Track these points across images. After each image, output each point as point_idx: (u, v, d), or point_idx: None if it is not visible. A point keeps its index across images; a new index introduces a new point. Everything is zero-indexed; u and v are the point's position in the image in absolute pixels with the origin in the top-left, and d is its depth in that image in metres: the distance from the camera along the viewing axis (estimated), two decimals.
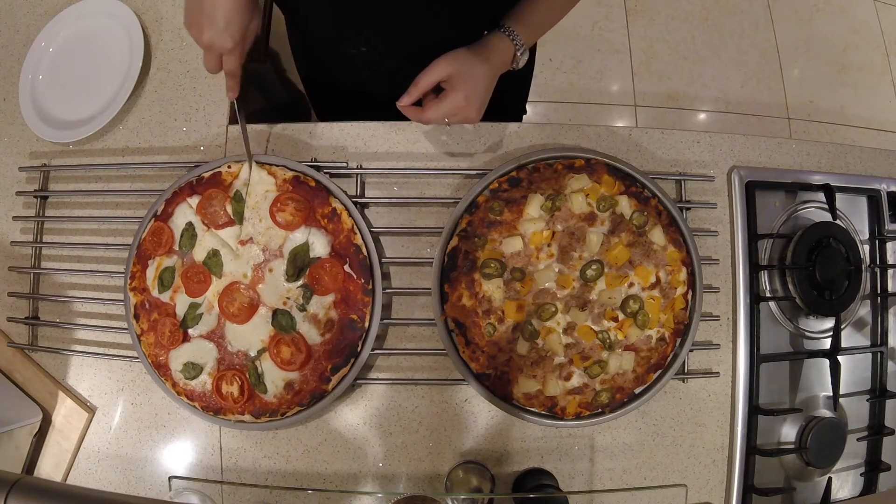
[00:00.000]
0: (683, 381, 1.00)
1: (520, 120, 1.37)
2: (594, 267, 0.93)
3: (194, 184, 0.98)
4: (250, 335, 0.94)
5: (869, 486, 1.04)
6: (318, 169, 0.99)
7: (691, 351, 0.98)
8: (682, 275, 0.95)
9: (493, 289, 0.94)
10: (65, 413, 1.01)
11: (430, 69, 0.85)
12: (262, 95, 1.39)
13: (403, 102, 0.86)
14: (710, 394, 1.00)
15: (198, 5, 0.74)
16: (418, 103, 0.88)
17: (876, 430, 1.04)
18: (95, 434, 1.01)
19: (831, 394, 1.01)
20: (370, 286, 0.94)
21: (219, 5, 0.73)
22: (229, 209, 0.96)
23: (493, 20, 0.91)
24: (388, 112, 0.92)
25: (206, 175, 0.98)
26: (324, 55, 1.09)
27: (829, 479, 1.01)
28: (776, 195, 1.07)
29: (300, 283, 0.94)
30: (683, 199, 1.02)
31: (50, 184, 1.08)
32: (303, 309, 0.93)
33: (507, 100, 1.19)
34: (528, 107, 1.40)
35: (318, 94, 1.22)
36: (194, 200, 0.97)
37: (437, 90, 0.87)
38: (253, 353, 0.94)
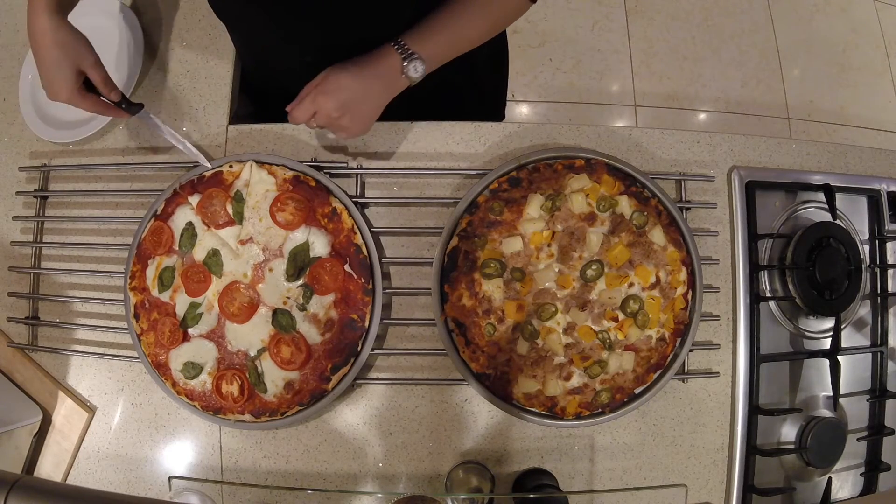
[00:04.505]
0: (683, 381, 1.00)
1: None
2: (594, 267, 0.93)
3: (195, 182, 0.98)
4: (250, 335, 0.94)
5: (869, 486, 1.04)
6: (318, 169, 0.99)
7: (691, 351, 0.98)
8: (682, 275, 0.95)
9: (493, 289, 0.94)
10: (65, 413, 1.01)
11: (315, 78, 0.89)
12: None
13: (289, 107, 0.90)
14: (710, 394, 1.00)
15: (42, 74, 0.88)
16: None
17: (876, 430, 1.04)
18: (95, 434, 1.01)
19: (831, 394, 1.01)
20: (370, 286, 0.94)
21: (43, 68, 0.86)
22: (230, 209, 0.96)
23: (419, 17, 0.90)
24: None
25: (208, 174, 0.98)
26: (272, 68, 1.10)
27: (829, 479, 1.01)
28: (776, 195, 1.07)
29: (300, 282, 0.94)
30: (683, 199, 1.02)
31: (50, 184, 1.08)
32: (303, 308, 0.93)
33: (466, 105, 1.17)
34: (527, 107, 1.39)
35: (265, 104, 1.22)
36: (195, 199, 0.97)
37: None
38: (253, 353, 0.94)
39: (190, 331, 0.95)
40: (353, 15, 0.88)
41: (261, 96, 1.19)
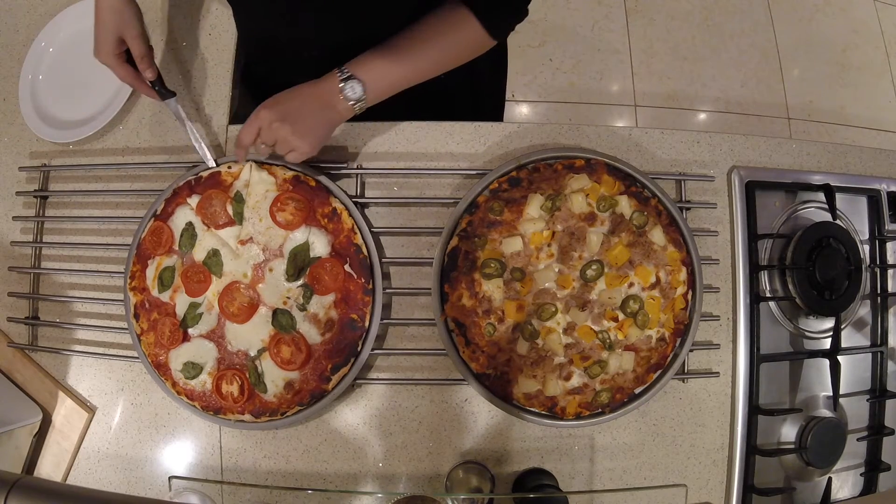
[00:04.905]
0: (683, 381, 1.00)
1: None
2: (594, 267, 0.93)
3: (193, 183, 0.98)
4: (250, 335, 0.94)
5: (869, 486, 1.04)
6: (318, 169, 0.99)
7: (691, 351, 0.98)
8: (682, 275, 0.95)
9: (493, 289, 0.94)
10: (65, 413, 1.01)
11: None
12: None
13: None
14: (710, 394, 1.00)
15: (94, 33, 0.92)
16: None
17: (876, 430, 1.04)
18: (95, 434, 1.01)
19: (831, 394, 1.01)
20: (370, 286, 0.94)
21: (95, 28, 0.91)
22: (230, 209, 0.96)
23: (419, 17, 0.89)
24: None
25: (205, 175, 0.98)
26: (278, 60, 1.09)
27: (829, 479, 1.01)
28: (776, 195, 1.07)
29: (300, 282, 0.94)
30: (683, 199, 1.02)
31: (50, 184, 1.08)
32: (303, 308, 0.93)
33: (457, 106, 1.17)
34: (527, 107, 1.38)
35: (254, 90, 1.21)
36: (194, 200, 0.97)
37: None
38: (253, 353, 0.94)
39: (190, 331, 0.95)
40: (350, 9, 0.88)
41: (263, 93, 1.19)
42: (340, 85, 0.86)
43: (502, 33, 0.92)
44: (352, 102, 0.87)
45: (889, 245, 1.09)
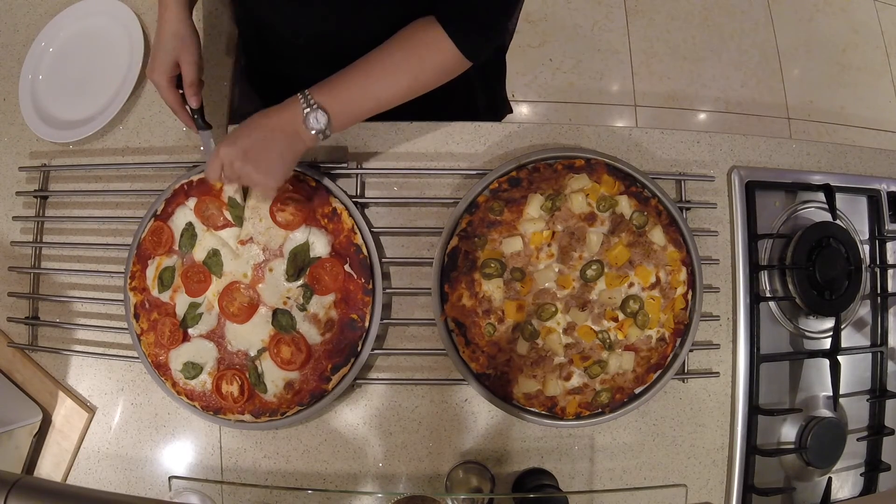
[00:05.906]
0: (683, 381, 1.00)
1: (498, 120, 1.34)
2: (594, 267, 0.93)
3: (187, 189, 0.98)
4: (250, 335, 0.94)
5: (869, 486, 1.04)
6: (318, 169, 0.99)
7: (691, 351, 0.98)
8: (682, 275, 0.95)
9: (493, 289, 0.94)
10: (65, 413, 1.01)
11: None
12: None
13: None
14: (710, 394, 1.00)
15: (151, 51, 0.94)
16: None
17: (876, 430, 1.04)
18: (95, 434, 1.01)
19: (831, 394, 1.01)
20: (370, 286, 0.94)
21: (154, 47, 0.93)
22: (227, 214, 0.96)
23: (418, 13, 0.87)
24: None
25: (195, 179, 0.98)
26: (279, 55, 1.09)
27: (829, 479, 1.01)
28: (776, 195, 1.07)
29: (300, 282, 0.94)
30: (683, 199, 1.02)
31: (50, 184, 1.08)
32: (303, 308, 0.93)
33: (455, 105, 1.16)
34: (527, 107, 1.38)
35: (257, 84, 1.22)
36: (191, 203, 0.97)
37: None
38: (253, 353, 0.94)
39: (190, 331, 0.95)
40: (349, 4, 0.88)
41: (264, 90, 1.19)
42: (305, 113, 0.83)
43: (476, 53, 0.86)
44: (315, 132, 0.84)
45: (889, 245, 1.09)
